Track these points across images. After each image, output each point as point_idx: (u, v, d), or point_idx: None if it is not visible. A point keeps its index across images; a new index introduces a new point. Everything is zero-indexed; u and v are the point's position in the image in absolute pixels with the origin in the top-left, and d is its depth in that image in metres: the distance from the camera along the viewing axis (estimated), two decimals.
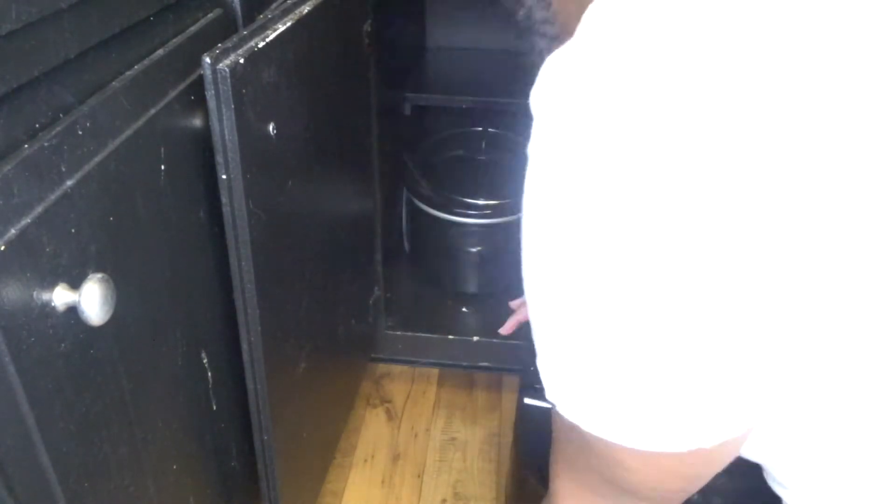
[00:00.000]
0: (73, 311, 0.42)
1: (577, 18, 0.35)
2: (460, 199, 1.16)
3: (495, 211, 1.16)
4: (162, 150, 0.53)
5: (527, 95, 0.34)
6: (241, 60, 0.54)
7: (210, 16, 0.61)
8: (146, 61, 0.51)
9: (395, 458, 1.07)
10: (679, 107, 0.30)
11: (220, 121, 0.54)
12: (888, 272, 0.32)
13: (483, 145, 1.23)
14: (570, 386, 0.39)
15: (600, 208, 0.32)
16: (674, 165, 0.30)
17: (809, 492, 0.43)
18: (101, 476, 0.48)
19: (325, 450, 0.97)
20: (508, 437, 1.10)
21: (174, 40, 0.56)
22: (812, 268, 0.32)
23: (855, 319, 0.33)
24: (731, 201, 0.30)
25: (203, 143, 0.57)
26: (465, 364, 1.18)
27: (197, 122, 0.58)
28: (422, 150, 1.27)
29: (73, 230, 0.42)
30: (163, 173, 0.53)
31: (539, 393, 0.78)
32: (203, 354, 0.62)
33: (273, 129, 0.61)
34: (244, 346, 0.64)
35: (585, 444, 0.41)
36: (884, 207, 0.31)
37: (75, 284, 0.42)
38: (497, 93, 1.21)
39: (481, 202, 1.17)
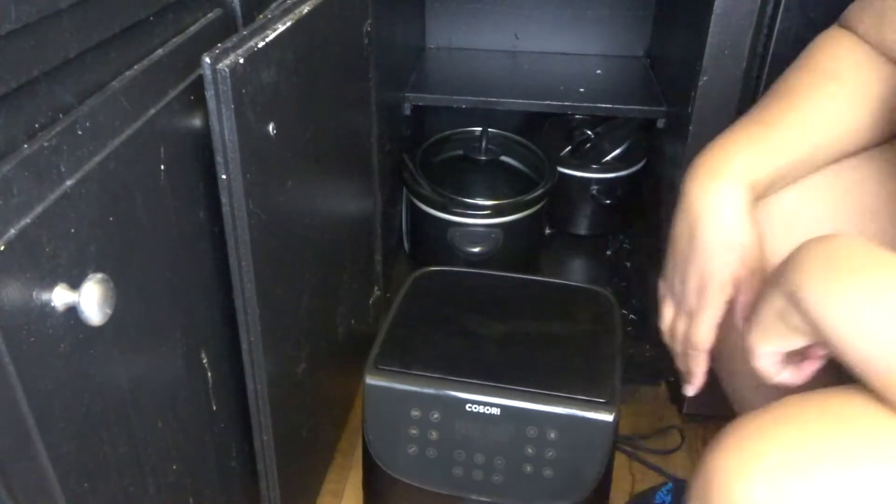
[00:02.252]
0: (72, 311, 0.42)
1: None
2: (460, 199, 1.16)
3: (495, 211, 1.16)
4: (162, 150, 0.53)
5: (527, 96, 0.34)
6: (241, 60, 0.54)
7: (210, 16, 0.61)
8: (146, 61, 0.51)
9: None
10: None
11: (220, 121, 0.54)
12: None
13: (483, 145, 1.23)
14: None
15: None
16: None
17: None
18: (101, 476, 0.48)
19: (325, 450, 0.97)
20: None
21: (174, 40, 0.56)
22: None
23: None
24: None
25: (203, 143, 0.57)
26: None
27: (197, 122, 0.58)
28: (422, 150, 1.27)
29: (72, 230, 0.42)
30: (163, 173, 0.53)
31: (382, 373, 0.80)
32: (203, 354, 0.62)
33: (273, 129, 0.61)
34: (244, 346, 0.65)
35: None
36: None
37: (75, 284, 0.42)
38: (497, 93, 1.21)
39: (481, 202, 1.17)
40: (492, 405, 0.77)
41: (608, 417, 0.75)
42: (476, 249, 1.18)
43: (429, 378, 0.79)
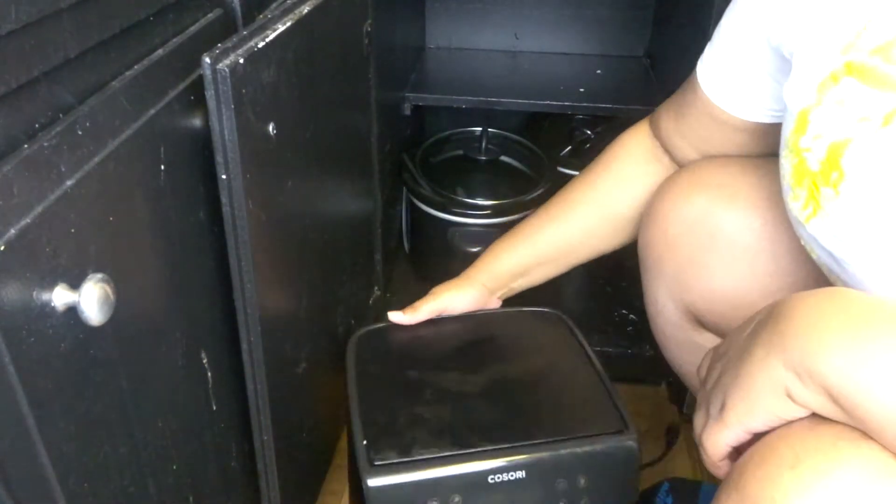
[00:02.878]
0: (72, 311, 0.42)
1: None
2: (460, 199, 1.16)
3: (495, 211, 1.16)
4: (162, 150, 0.53)
5: (527, 96, 0.35)
6: (241, 60, 0.54)
7: (210, 16, 0.61)
8: (146, 61, 0.51)
9: None
10: None
11: (220, 121, 0.54)
12: None
13: (483, 145, 1.23)
14: None
15: None
16: None
17: None
18: (101, 476, 0.48)
19: (325, 450, 0.97)
20: None
21: (174, 40, 0.56)
22: None
23: None
24: None
25: (203, 143, 0.57)
26: None
27: (197, 122, 0.58)
28: (422, 150, 1.27)
29: (72, 230, 0.42)
30: (163, 173, 0.53)
31: (383, 470, 0.69)
32: (203, 354, 0.62)
33: (273, 129, 0.61)
34: (244, 346, 0.64)
35: None
36: None
37: (75, 284, 0.42)
38: (497, 93, 1.21)
39: (481, 202, 1.17)
40: (516, 468, 0.68)
41: (632, 443, 0.70)
42: (476, 249, 1.18)
43: (437, 459, 0.69)
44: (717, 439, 0.48)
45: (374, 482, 0.67)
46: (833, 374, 0.41)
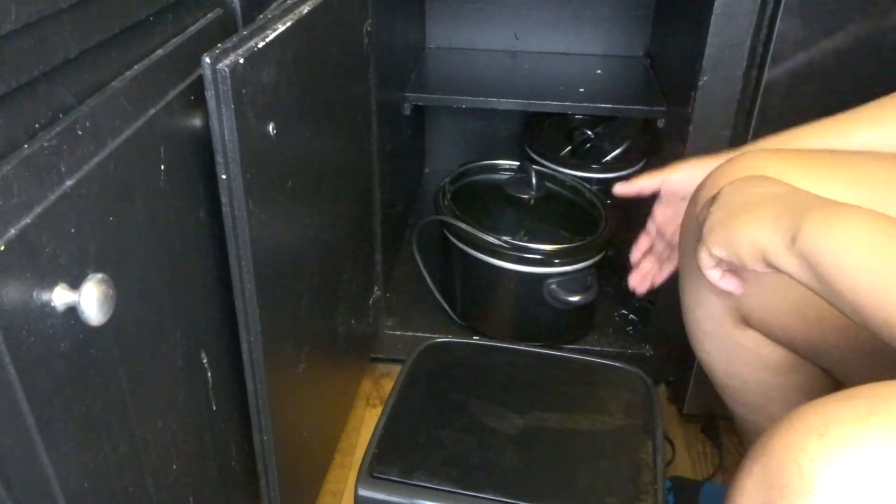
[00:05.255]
0: (72, 311, 0.42)
1: None
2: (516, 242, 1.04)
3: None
4: (162, 150, 0.53)
5: (527, 96, 0.35)
6: (241, 60, 0.54)
7: (210, 16, 0.61)
8: (146, 61, 0.51)
9: None
10: None
11: (220, 121, 0.54)
12: None
13: (533, 181, 1.13)
14: None
15: None
16: None
17: None
18: (101, 476, 0.48)
19: (325, 450, 0.97)
20: None
21: (174, 40, 0.56)
22: None
23: None
24: None
25: (203, 143, 0.57)
26: None
27: (197, 122, 0.58)
28: (451, 178, 1.18)
29: (72, 230, 0.42)
30: (163, 173, 0.53)
31: (378, 483, 0.69)
32: (203, 354, 0.63)
33: (273, 129, 0.61)
34: (244, 346, 0.65)
35: None
36: None
37: (75, 284, 0.42)
38: (497, 93, 1.21)
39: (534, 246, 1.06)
40: None
41: None
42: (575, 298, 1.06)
43: (433, 490, 0.67)
44: (700, 256, 0.59)
45: (364, 492, 0.68)
46: (810, 238, 0.48)
